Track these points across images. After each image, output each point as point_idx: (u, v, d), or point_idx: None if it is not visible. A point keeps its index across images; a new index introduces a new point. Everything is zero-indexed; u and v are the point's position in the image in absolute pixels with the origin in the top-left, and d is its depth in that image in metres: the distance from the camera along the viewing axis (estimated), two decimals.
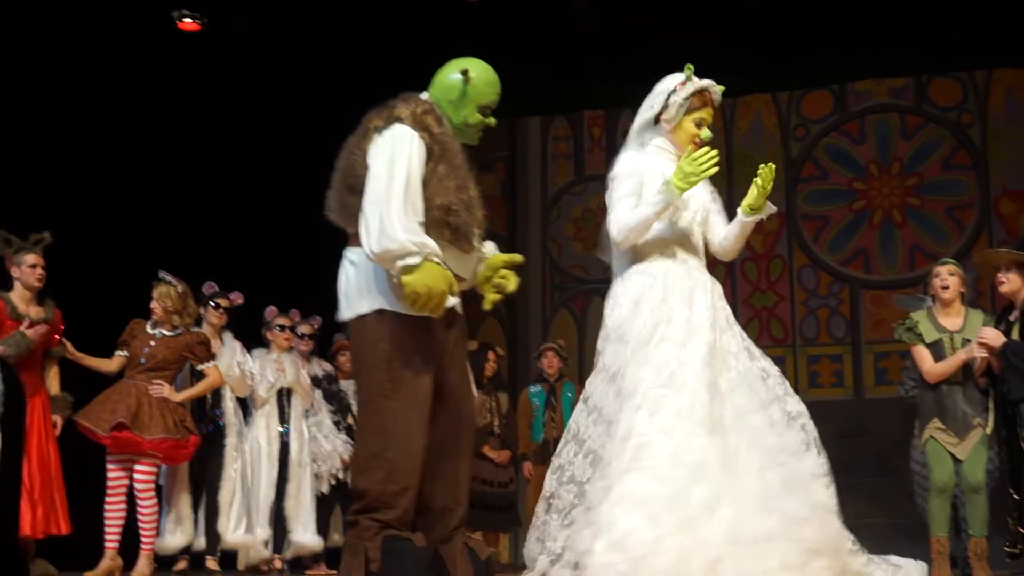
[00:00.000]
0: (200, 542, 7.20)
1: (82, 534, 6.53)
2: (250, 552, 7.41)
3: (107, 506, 6.59)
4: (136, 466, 6.57)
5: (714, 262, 4.36)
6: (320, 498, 7.71)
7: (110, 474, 6.60)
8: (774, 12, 8.07)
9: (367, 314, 3.80)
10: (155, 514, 6.71)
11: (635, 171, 4.18)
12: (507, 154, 11.42)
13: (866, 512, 6.58)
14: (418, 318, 3.74)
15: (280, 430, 7.62)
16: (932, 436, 6.15)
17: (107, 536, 6.58)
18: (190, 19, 8.14)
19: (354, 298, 3.84)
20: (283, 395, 7.66)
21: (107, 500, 6.59)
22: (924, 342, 6.21)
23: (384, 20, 8.33)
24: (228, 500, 7.24)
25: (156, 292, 6.73)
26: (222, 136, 8.47)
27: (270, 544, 7.50)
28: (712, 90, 4.24)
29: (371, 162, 3.76)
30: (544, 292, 11.21)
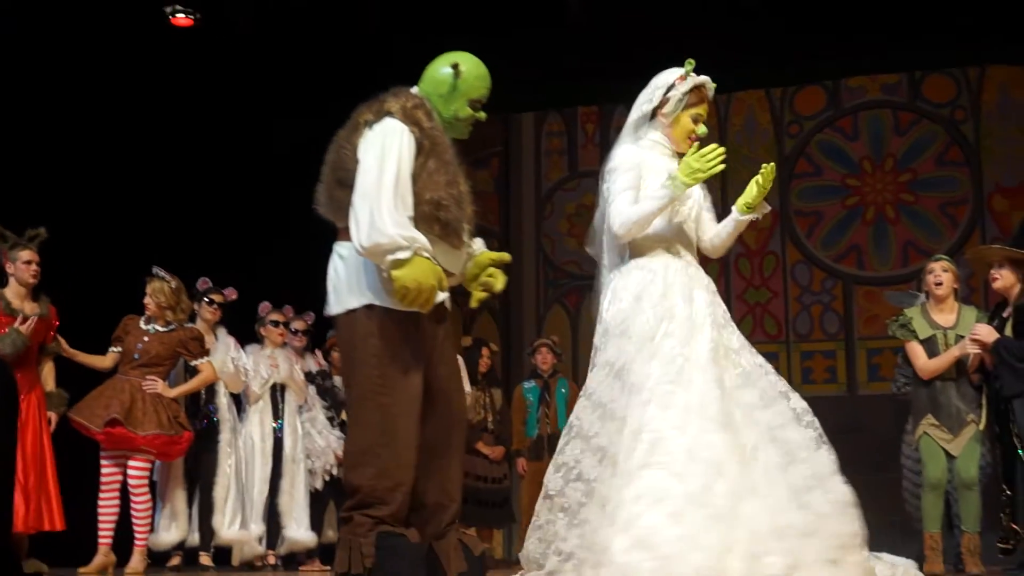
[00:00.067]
0: (194, 538, 7.21)
1: (76, 530, 6.52)
2: (244, 548, 7.42)
3: (101, 502, 6.60)
4: (130, 462, 6.57)
5: (706, 258, 4.34)
6: (314, 494, 7.69)
7: (104, 470, 6.60)
8: (768, 9, 8.08)
9: (356, 309, 3.79)
10: (149, 510, 6.72)
11: (635, 164, 4.15)
12: (500, 150, 11.40)
13: (859, 508, 6.57)
14: (408, 313, 3.73)
15: (274, 426, 7.61)
16: (925, 432, 6.16)
17: (101, 532, 6.58)
18: (183, 15, 8.13)
19: (343, 293, 3.83)
20: (277, 391, 7.65)
21: (101, 496, 6.60)
22: (918, 338, 6.22)
23: (383, 19, 8.32)
24: (222, 496, 7.25)
25: (150, 288, 6.72)
26: (217, 132, 8.47)
27: (264, 540, 7.50)
28: (708, 86, 4.23)
29: (361, 156, 3.74)
30: (538, 288, 11.19)
